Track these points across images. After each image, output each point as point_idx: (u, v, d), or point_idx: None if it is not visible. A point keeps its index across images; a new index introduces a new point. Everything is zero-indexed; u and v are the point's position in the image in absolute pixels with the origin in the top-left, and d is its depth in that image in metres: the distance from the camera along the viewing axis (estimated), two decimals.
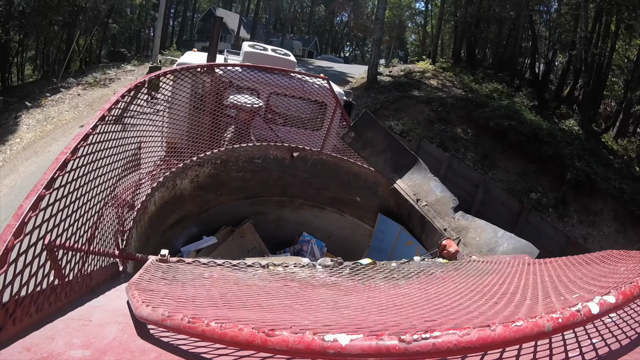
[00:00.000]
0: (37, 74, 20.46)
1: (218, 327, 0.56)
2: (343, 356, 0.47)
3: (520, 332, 0.46)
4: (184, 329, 0.61)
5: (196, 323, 0.59)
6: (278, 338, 0.50)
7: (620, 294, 0.55)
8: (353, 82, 17.18)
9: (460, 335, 0.45)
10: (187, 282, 1.24)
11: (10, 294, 0.80)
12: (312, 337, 0.48)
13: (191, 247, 2.90)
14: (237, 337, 0.53)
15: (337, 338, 0.47)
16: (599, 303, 0.52)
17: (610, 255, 1.18)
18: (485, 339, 0.45)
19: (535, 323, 0.47)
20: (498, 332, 0.46)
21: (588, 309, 0.50)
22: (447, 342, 0.45)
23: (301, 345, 0.48)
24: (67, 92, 13.13)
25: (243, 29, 31.41)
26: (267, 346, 0.50)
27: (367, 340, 0.46)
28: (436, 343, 0.45)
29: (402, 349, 0.45)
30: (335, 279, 1.50)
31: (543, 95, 18.25)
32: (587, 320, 0.50)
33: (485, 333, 0.45)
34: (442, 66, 18.88)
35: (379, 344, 0.46)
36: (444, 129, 12.96)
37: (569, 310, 0.49)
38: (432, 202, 2.62)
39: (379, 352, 0.46)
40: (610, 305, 0.52)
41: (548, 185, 11.80)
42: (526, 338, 0.46)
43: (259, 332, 0.52)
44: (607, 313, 0.52)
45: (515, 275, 1.24)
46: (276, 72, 3.16)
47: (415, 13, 33.75)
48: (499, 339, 0.45)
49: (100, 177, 1.35)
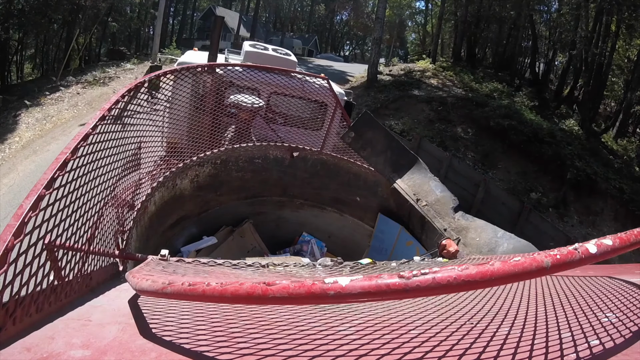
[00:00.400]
0: (37, 73, 20.44)
1: (218, 285, 0.56)
2: (343, 296, 0.47)
3: (519, 266, 0.47)
4: (185, 292, 0.61)
5: (197, 285, 0.60)
6: (278, 286, 0.50)
7: (617, 238, 0.56)
8: (353, 81, 17.18)
9: (460, 270, 0.46)
10: (187, 274, 1.24)
11: (10, 294, 0.80)
12: (312, 282, 0.49)
13: (191, 247, 2.90)
14: (237, 291, 0.54)
15: (337, 280, 0.48)
16: (596, 244, 0.52)
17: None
18: (484, 272, 0.46)
19: (534, 259, 0.47)
20: (497, 266, 0.46)
21: (585, 248, 0.51)
22: (446, 276, 0.45)
23: (302, 289, 0.49)
24: (66, 90, 13.12)
25: (243, 28, 31.38)
26: (267, 295, 0.51)
27: (366, 280, 0.47)
28: (436, 277, 0.45)
29: (402, 284, 0.46)
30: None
31: (543, 95, 18.26)
32: (584, 259, 0.50)
33: (484, 267, 0.46)
34: (443, 65, 18.88)
35: (379, 282, 0.46)
36: (444, 128, 12.96)
37: (567, 249, 0.50)
38: (432, 202, 2.62)
39: (379, 289, 0.46)
40: (607, 247, 0.53)
41: (548, 185, 11.81)
42: (525, 273, 0.47)
43: (259, 283, 0.52)
44: (605, 256, 0.53)
45: None
46: (277, 72, 3.16)
47: (416, 12, 33.73)
48: (498, 272, 0.46)
49: (100, 177, 1.35)
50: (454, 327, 0.84)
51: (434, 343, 0.75)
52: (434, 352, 0.71)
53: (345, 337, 0.78)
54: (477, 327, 0.84)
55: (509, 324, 0.86)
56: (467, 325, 0.84)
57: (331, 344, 0.74)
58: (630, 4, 14.34)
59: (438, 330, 0.82)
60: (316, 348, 0.73)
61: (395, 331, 0.81)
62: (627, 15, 14.93)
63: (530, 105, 15.85)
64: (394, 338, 0.78)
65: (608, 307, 0.91)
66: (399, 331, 0.81)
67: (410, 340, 0.76)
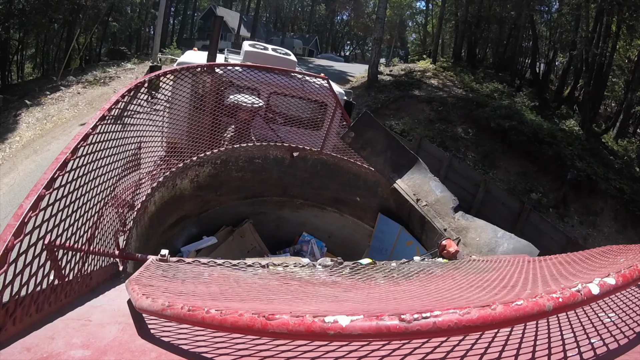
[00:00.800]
0: (37, 72, 20.44)
1: (218, 314, 0.56)
2: (343, 337, 0.47)
3: (521, 310, 0.46)
4: (185, 317, 0.61)
5: (196, 311, 0.60)
6: (278, 321, 0.50)
7: (620, 276, 0.55)
8: (353, 81, 17.17)
9: (461, 314, 0.45)
10: (187, 279, 1.24)
11: (10, 294, 0.80)
12: (312, 319, 0.48)
13: (191, 247, 2.90)
14: (237, 322, 0.53)
15: (337, 319, 0.47)
16: (599, 284, 0.52)
17: (610, 250, 1.18)
18: (485, 317, 0.45)
19: (536, 302, 0.47)
20: (498, 310, 0.46)
21: (588, 289, 0.50)
22: (447, 320, 0.45)
23: (301, 327, 0.48)
24: (67, 90, 13.12)
25: (243, 28, 31.38)
26: (267, 330, 0.50)
27: (367, 320, 0.46)
28: (437, 322, 0.45)
29: (402, 328, 0.45)
30: (335, 279, 1.50)
31: (543, 95, 18.25)
32: (587, 300, 0.50)
33: (485, 312, 0.45)
34: (443, 65, 18.87)
35: (379, 323, 0.46)
36: (444, 128, 12.96)
37: (569, 291, 0.50)
38: (432, 202, 2.62)
39: (379, 332, 0.45)
40: (610, 286, 0.52)
41: (548, 186, 11.80)
42: (527, 317, 0.46)
43: (259, 316, 0.52)
44: (607, 294, 0.52)
45: (515, 271, 1.25)
46: (276, 72, 3.15)
47: (416, 12, 33.72)
48: (500, 317, 0.45)
49: (100, 177, 1.35)
50: None
51: (435, 343, 0.75)
52: (435, 352, 0.71)
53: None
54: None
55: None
56: None
57: (331, 345, 0.74)
58: (631, 5, 14.33)
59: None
60: (315, 349, 0.73)
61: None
62: (627, 15, 14.92)
63: (530, 105, 15.84)
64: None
65: (610, 308, 0.91)
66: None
67: (410, 341, 0.76)
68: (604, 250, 1.24)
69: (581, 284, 0.51)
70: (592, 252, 1.27)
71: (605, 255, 1.14)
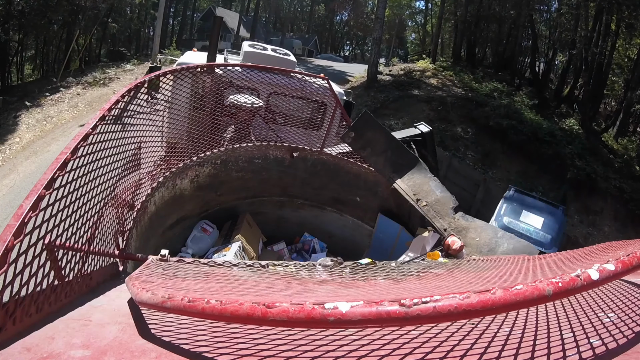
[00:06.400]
0: (37, 74, 20.44)
1: (218, 304, 0.56)
2: (343, 323, 0.47)
3: (521, 295, 0.46)
4: (185, 309, 0.61)
5: (196, 302, 0.60)
6: (278, 309, 0.50)
7: (620, 263, 0.55)
8: (353, 81, 17.17)
9: (461, 299, 0.45)
10: (187, 277, 1.24)
11: (10, 294, 0.80)
12: (312, 306, 0.48)
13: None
14: (237, 311, 0.53)
15: (337, 305, 0.47)
16: (598, 270, 0.52)
17: (610, 246, 1.19)
18: (485, 301, 0.45)
19: (536, 287, 0.47)
20: (498, 295, 0.46)
21: (587, 274, 0.51)
22: (447, 305, 0.45)
23: (301, 314, 0.48)
24: (66, 91, 13.12)
25: (243, 28, 31.41)
26: (267, 318, 0.50)
27: (367, 306, 0.46)
28: (437, 306, 0.45)
29: (402, 312, 0.45)
30: (335, 279, 1.51)
31: (543, 95, 18.25)
32: (586, 286, 0.50)
33: (485, 296, 0.46)
34: (442, 65, 18.87)
35: (379, 309, 0.46)
36: (444, 128, 12.96)
37: (569, 276, 0.50)
38: (432, 202, 2.62)
39: (379, 317, 0.46)
40: (609, 272, 0.52)
41: (548, 185, 11.80)
42: (526, 301, 0.46)
43: (259, 305, 0.52)
44: (607, 280, 0.52)
45: (515, 269, 1.26)
46: (276, 72, 3.16)
47: (416, 12, 33.72)
48: (500, 301, 0.45)
49: (100, 177, 1.35)
50: (454, 326, 0.83)
51: (434, 343, 0.75)
52: (435, 352, 0.71)
53: (345, 337, 0.78)
54: (479, 326, 0.84)
55: (510, 323, 0.86)
56: (467, 324, 0.84)
57: (331, 345, 0.74)
58: (630, 3, 14.33)
59: (439, 330, 0.81)
60: (316, 349, 0.73)
61: (395, 331, 0.81)
62: (627, 14, 14.92)
63: (530, 104, 15.84)
64: (394, 338, 0.77)
65: (609, 307, 0.91)
66: (398, 331, 0.81)
67: (410, 341, 0.76)
68: (604, 246, 1.25)
69: (580, 269, 0.51)
70: (592, 248, 1.27)
71: (605, 250, 1.15)
